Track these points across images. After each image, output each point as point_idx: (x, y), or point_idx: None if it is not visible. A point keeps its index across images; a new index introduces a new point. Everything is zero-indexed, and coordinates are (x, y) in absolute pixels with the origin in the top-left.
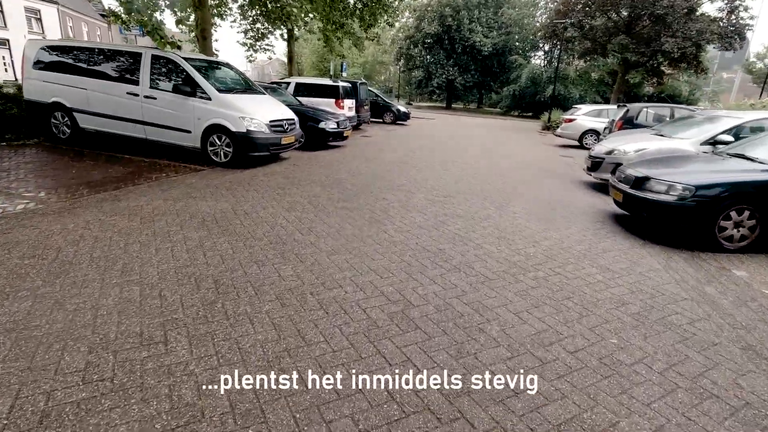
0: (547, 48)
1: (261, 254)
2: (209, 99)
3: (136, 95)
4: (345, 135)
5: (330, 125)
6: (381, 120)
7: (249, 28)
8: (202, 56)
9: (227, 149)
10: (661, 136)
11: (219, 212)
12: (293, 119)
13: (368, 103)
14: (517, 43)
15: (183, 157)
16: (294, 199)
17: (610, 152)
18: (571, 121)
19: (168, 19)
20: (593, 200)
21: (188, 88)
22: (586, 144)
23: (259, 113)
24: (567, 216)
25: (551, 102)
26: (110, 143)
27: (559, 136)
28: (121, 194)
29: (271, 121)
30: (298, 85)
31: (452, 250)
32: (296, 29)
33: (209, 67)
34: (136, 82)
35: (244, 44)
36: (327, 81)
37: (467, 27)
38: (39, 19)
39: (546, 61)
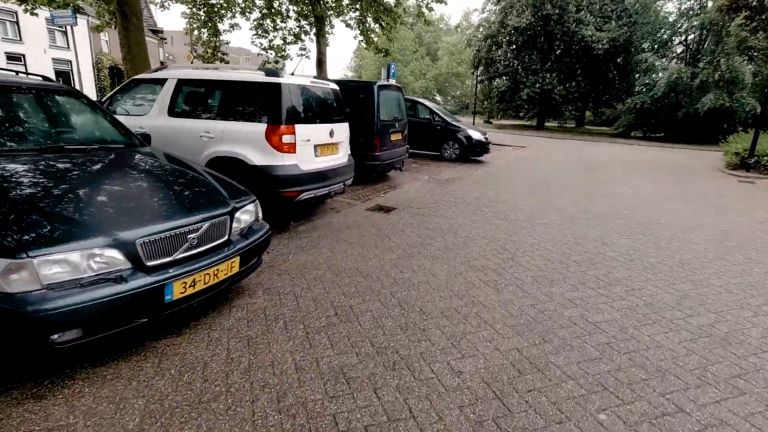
0: (690, 38)
1: None
2: None
3: None
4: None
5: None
6: (438, 153)
7: (276, 25)
8: None
9: None
10: None
11: None
12: None
13: (402, 128)
14: (643, 38)
15: None
16: None
17: None
18: None
19: None
20: None
21: None
22: None
23: None
24: None
25: (759, 120)
26: None
27: None
28: None
29: None
30: (182, 85)
31: None
32: (327, 18)
33: None
34: None
35: (269, 48)
36: (247, 75)
37: (573, 17)
38: (64, 32)
39: (684, 61)
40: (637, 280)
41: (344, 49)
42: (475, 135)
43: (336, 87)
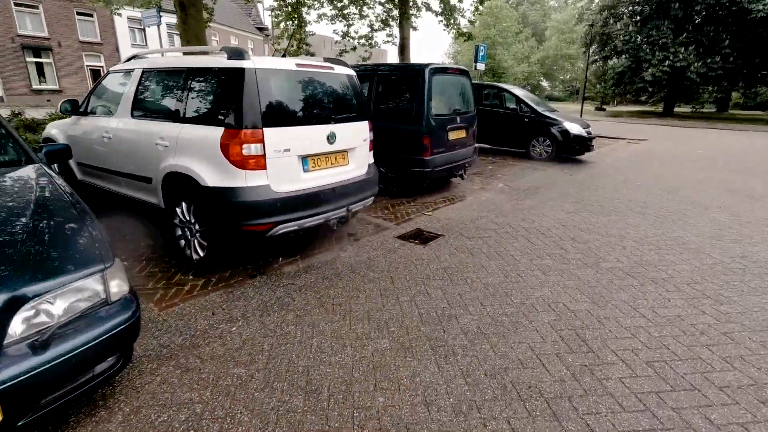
0: None
1: None
2: None
3: None
4: None
5: None
6: (524, 151)
7: (363, 12)
8: None
9: None
10: None
11: None
12: None
13: (468, 123)
14: None
15: None
16: None
17: None
18: None
19: None
20: None
21: None
22: None
23: None
24: None
25: None
26: None
27: None
28: None
29: None
30: (146, 77)
31: None
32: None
33: None
34: None
35: (346, 34)
36: (206, 59)
37: None
38: (142, 29)
39: None
40: None
41: (444, 36)
42: (573, 129)
43: (350, 72)
